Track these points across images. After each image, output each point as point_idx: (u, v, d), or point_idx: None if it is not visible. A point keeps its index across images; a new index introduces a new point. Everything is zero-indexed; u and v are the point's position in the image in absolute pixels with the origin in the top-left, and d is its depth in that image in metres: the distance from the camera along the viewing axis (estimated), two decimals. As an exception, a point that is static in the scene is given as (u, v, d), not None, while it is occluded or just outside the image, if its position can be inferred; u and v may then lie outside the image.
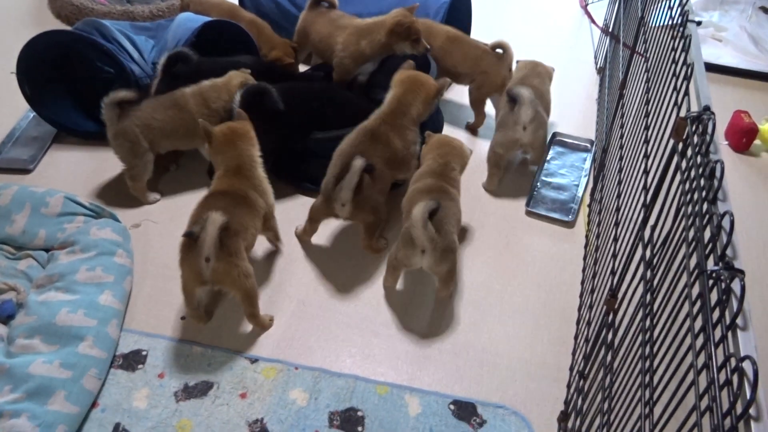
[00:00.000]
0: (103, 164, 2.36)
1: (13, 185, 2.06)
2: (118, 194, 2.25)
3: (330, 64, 2.56)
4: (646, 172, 1.32)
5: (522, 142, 2.27)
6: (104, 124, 2.10)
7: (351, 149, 1.95)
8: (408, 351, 1.83)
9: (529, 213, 2.31)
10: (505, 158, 2.33)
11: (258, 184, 1.88)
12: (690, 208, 0.94)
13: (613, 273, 1.44)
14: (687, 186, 0.98)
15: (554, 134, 2.65)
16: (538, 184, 2.43)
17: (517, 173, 2.48)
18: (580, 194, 2.38)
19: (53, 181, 2.27)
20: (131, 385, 1.69)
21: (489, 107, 2.63)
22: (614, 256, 1.48)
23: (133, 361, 1.75)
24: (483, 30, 2.70)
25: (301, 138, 2.26)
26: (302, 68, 2.80)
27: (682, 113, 1.12)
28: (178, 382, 1.70)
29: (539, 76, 2.44)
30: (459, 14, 2.90)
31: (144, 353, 1.76)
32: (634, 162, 1.49)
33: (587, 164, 2.52)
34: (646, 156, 1.35)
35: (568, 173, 2.50)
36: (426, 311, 1.95)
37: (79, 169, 2.36)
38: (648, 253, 1.14)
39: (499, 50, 2.52)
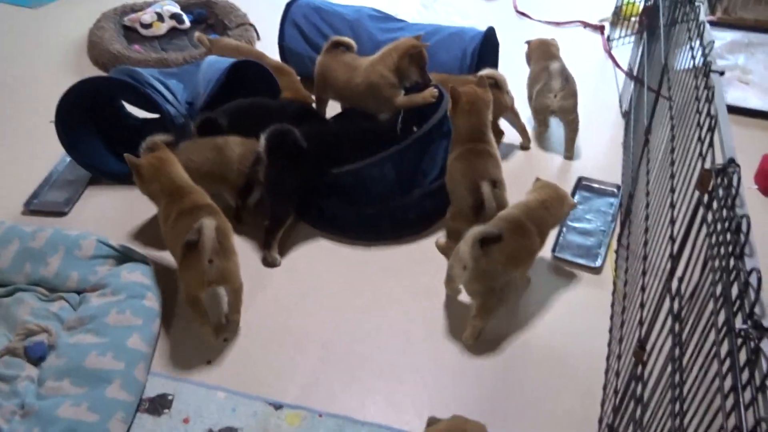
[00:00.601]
0: (134, 206, 2.41)
1: (48, 228, 2.12)
2: (148, 236, 2.30)
3: (351, 109, 2.61)
4: (673, 221, 1.31)
5: (553, 107, 2.67)
6: None
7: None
8: (432, 398, 1.82)
9: (555, 258, 2.29)
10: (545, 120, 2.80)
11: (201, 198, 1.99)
12: (716, 263, 0.93)
13: (641, 323, 1.42)
14: (713, 239, 0.97)
15: (579, 179, 2.64)
16: (564, 229, 2.42)
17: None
18: (607, 240, 2.36)
19: (87, 224, 2.33)
20: (157, 429, 1.70)
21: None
22: (642, 305, 1.47)
23: (159, 405, 1.76)
24: (507, 70, 2.73)
25: (319, 175, 2.29)
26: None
27: (707, 164, 1.12)
28: (202, 427, 1.71)
29: (556, 48, 2.87)
30: (488, 52, 2.96)
31: (170, 397, 1.78)
32: (661, 210, 1.48)
33: (614, 209, 2.51)
34: (672, 205, 1.35)
35: (594, 218, 2.49)
36: (451, 358, 1.93)
37: (112, 212, 2.42)
38: (676, 305, 1.12)
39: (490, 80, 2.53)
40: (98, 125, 2.56)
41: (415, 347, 1.96)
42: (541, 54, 2.86)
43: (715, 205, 1.01)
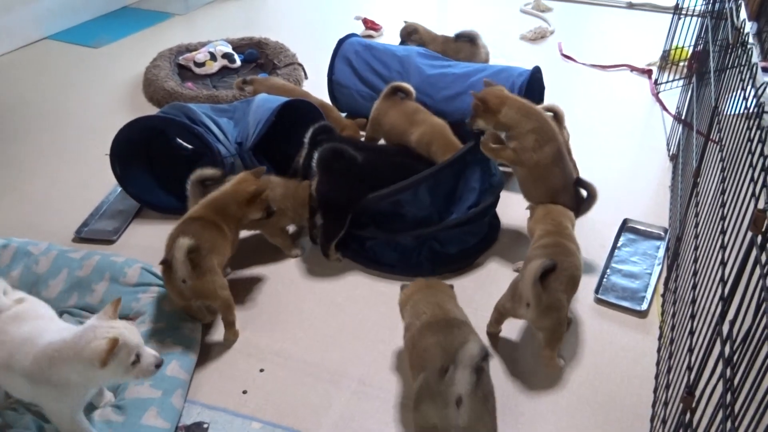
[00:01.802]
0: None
1: (96, 254, 2.18)
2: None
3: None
4: (723, 263, 1.27)
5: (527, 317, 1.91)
6: (184, 199, 2.22)
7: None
8: (469, 440, 1.77)
9: (598, 300, 2.24)
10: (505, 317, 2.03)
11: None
12: (772, 305, 0.89)
13: (689, 369, 1.36)
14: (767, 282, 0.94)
15: (625, 220, 2.59)
16: (608, 271, 2.36)
17: (585, 256, 2.43)
18: (653, 283, 2.29)
19: (133, 252, 2.39)
20: (190, 458, 1.69)
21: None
22: (691, 350, 1.41)
23: (194, 433, 1.76)
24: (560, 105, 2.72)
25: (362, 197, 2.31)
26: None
27: (760, 205, 1.08)
28: (235, 458, 1.69)
29: (567, 218, 2.19)
30: (533, 92, 2.96)
31: (205, 425, 1.77)
32: (710, 252, 1.44)
33: (660, 252, 2.44)
34: (723, 247, 1.30)
35: (640, 261, 2.43)
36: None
37: (157, 242, 2.45)
38: (727, 350, 1.08)
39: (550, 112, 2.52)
40: (150, 159, 2.66)
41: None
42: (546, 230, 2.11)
43: (768, 245, 0.98)
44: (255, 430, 1.76)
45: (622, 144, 3.22)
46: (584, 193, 2.32)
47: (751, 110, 1.40)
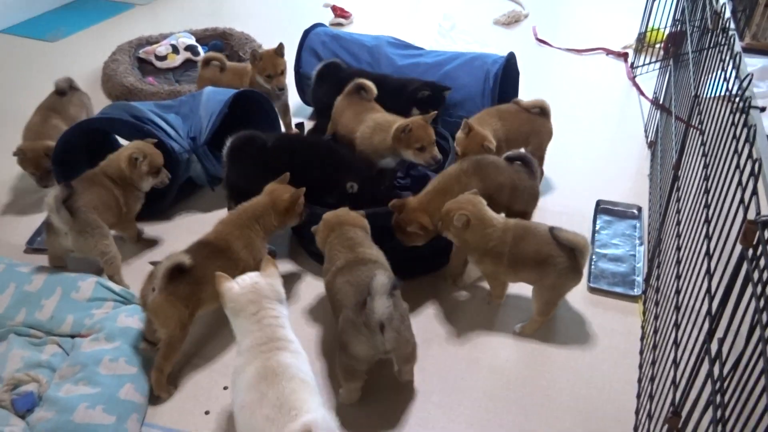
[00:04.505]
0: (138, 244, 2.34)
1: (47, 267, 2.04)
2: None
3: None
4: (710, 273, 1.18)
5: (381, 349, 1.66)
6: None
7: None
8: (446, 456, 1.67)
9: (591, 289, 2.17)
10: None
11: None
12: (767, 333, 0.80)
13: (674, 384, 1.27)
14: (762, 303, 0.84)
15: (598, 202, 2.55)
16: (594, 257, 2.30)
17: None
18: (639, 265, 2.25)
19: (88, 263, 2.25)
20: (148, 488, 1.58)
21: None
22: (675, 363, 1.32)
23: (151, 460, 1.64)
24: (530, 98, 2.62)
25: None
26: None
27: (751, 213, 0.99)
28: (196, 487, 1.58)
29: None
30: (508, 78, 2.86)
31: (164, 452, 1.66)
32: (695, 257, 1.35)
33: (638, 232, 2.41)
34: (709, 254, 1.21)
35: (621, 243, 2.38)
36: (468, 406, 1.79)
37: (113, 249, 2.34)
38: (716, 370, 0.98)
39: (536, 108, 2.50)
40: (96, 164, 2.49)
41: (427, 400, 1.82)
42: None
43: (762, 261, 0.88)
44: (217, 456, 1.65)
45: (599, 130, 3.13)
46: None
47: (735, 103, 1.31)
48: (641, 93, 3.42)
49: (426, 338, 1.99)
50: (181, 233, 2.38)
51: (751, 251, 0.93)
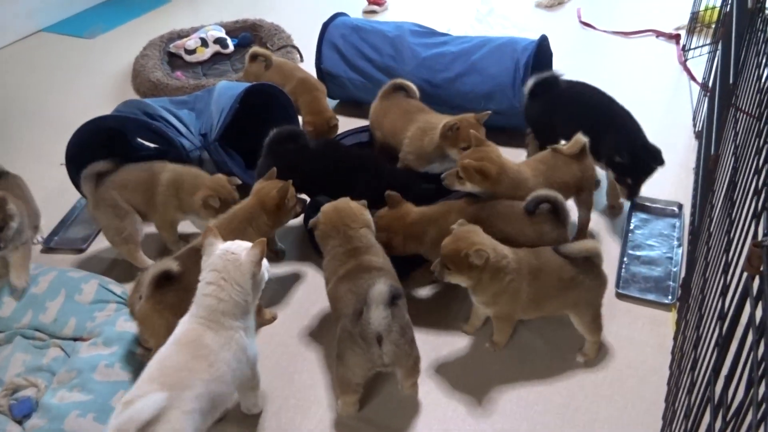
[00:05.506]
0: (149, 241, 2.30)
1: (53, 270, 2.03)
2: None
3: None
4: (724, 293, 1.01)
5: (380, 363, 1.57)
6: None
7: None
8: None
9: (619, 296, 1.98)
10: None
11: None
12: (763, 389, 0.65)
13: (686, 416, 1.12)
14: (760, 351, 0.69)
15: (633, 200, 2.32)
16: (625, 259, 2.11)
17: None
18: (676, 269, 2.04)
19: (102, 262, 2.24)
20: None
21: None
22: (690, 389, 1.16)
23: (141, 472, 1.59)
24: (578, 78, 2.42)
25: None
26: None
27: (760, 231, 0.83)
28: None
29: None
30: (540, 64, 2.67)
31: (155, 463, 1.61)
32: (716, 272, 1.18)
33: (677, 232, 2.19)
34: (725, 271, 1.04)
35: (657, 244, 2.17)
36: (473, 423, 1.67)
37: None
38: (718, 424, 0.83)
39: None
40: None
41: (432, 415, 1.71)
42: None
43: (765, 289, 0.72)
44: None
45: (644, 119, 2.88)
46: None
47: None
48: (692, 77, 3.16)
49: (431, 350, 1.87)
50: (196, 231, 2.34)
51: (754, 280, 0.77)
